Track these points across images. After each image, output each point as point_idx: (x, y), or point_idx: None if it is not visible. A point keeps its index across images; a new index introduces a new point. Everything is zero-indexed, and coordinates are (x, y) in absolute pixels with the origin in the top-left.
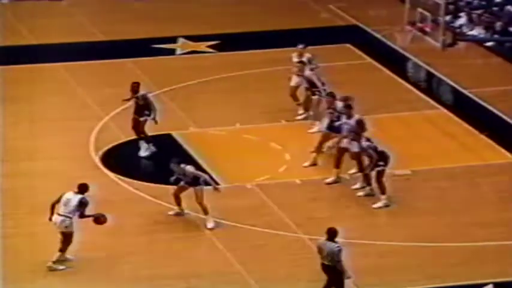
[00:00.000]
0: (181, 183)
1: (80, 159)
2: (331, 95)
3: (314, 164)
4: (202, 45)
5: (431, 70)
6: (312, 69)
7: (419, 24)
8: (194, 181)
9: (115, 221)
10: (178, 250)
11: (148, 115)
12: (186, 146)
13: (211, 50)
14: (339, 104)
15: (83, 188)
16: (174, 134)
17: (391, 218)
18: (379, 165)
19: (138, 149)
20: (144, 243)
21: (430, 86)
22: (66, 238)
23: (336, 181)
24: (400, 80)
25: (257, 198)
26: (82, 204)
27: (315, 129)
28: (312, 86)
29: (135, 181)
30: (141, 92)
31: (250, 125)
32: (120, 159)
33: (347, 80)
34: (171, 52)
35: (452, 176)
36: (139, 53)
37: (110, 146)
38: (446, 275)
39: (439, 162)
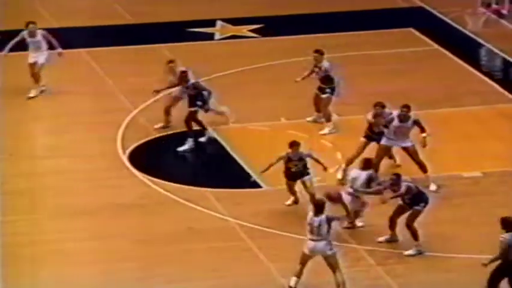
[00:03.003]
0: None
1: (106, 158)
2: (382, 105)
3: None
4: (244, 29)
5: (508, 58)
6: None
7: (494, 6)
8: (304, 170)
9: (145, 227)
10: (215, 261)
11: (201, 106)
12: (224, 143)
13: (253, 35)
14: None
15: (368, 164)
16: (211, 129)
17: (459, 227)
18: (418, 205)
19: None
20: (177, 253)
21: (506, 76)
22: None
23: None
24: (471, 69)
25: (305, 202)
26: (371, 180)
27: (326, 130)
28: (324, 81)
29: (167, 182)
30: (191, 80)
31: (297, 119)
32: (150, 158)
33: (410, 69)
34: (209, 37)
35: None
36: (173, 37)
37: (139, 143)
38: None
39: None
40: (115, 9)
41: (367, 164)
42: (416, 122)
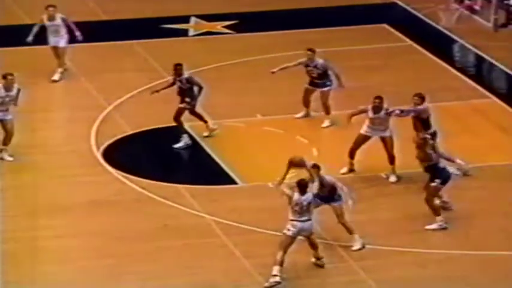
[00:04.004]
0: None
1: (80, 155)
2: (421, 96)
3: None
4: (218, 26)
5: (481, 54)
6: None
7: (467, 2)
8: (331, 195)
9: (120, 224)
10: (190, 258)
11: (189, 102)
12: (199, 140)
13: (228, 31)
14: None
15: None
16: (186, 126)
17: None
18: (433, 181)
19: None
20: (152, 250)
21: (479, 72)
22: None
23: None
24: (444, 65)
25: (280, 199)
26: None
27: (327, 123)
28: (321, 77)
29: (142, 179)
30: (185, 75)
31: (273, 116)
32: (125, 155)
33: (383, 64)
34: (183, 33)
35: (504, 175)
36: (146, 34)
37: (114, 139)
38: None
39: (489, 159)
40: (88, 6)
41: None
42: (388, 113)
